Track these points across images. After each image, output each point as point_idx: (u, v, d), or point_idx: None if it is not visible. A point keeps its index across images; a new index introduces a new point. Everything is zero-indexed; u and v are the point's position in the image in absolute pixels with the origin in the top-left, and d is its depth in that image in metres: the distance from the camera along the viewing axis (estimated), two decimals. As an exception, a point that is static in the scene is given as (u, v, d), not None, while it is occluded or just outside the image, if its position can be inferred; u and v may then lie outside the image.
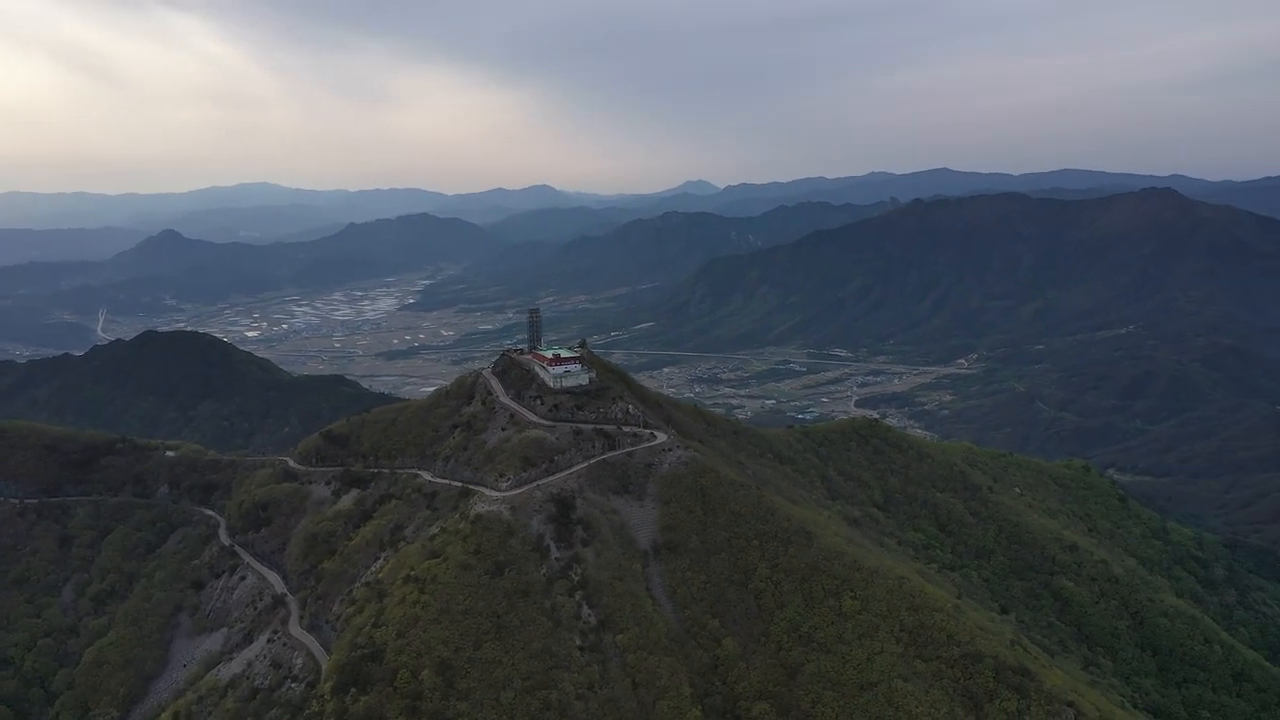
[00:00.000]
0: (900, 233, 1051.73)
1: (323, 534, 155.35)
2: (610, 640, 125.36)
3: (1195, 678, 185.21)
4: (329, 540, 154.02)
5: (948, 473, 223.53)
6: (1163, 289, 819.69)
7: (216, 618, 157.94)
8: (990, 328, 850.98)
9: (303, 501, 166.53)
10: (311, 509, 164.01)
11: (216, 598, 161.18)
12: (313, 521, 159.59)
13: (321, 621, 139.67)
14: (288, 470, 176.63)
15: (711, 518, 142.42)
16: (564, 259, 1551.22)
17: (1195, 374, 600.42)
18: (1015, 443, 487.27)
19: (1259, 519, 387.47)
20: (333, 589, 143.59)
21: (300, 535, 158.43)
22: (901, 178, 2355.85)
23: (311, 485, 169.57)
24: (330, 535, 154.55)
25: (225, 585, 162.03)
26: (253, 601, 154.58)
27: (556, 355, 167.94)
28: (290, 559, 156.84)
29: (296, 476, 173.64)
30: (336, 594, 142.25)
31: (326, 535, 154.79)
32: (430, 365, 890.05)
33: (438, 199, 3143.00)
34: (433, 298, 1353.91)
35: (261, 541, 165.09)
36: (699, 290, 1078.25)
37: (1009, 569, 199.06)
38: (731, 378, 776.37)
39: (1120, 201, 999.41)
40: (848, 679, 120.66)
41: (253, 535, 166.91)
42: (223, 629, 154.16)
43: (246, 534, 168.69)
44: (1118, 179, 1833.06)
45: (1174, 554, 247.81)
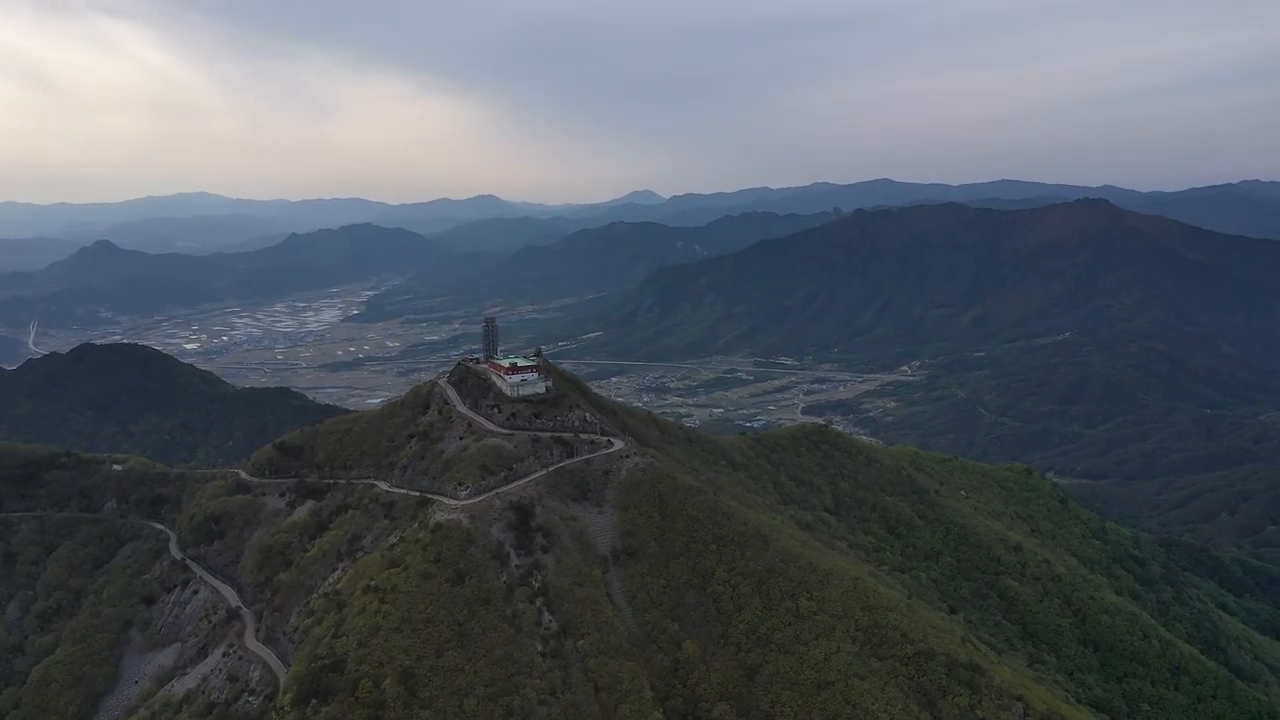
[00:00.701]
0: (844, 242, 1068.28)
1: (278, 546, 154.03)
2: (572, 646, 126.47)
3: (1135, 672, 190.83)
4: (285, 552, 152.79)
5: (896, 477, 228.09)
6: (1096, 296, 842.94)
7: (169, 633, 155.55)
8: (932, 335, 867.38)
9: (257, 513, 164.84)
10: (266, 521, 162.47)
11: (168, 612, 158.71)
12: (267, 533, 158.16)
13: (279, 634, 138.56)
14: (240, 482, 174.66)
15: (669, 523, 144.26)
16: (510, 269, 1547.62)
17: (1128, 379, 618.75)
18: (958, 448, 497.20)
19: (1191, 519, 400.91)
20: (290, 601, 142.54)
21: (255, 547, 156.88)
22: (844, 188, 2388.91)
23: (265, 497, 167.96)
24: (286, 547, 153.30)
25: (177, 600, 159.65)
26: (206, 615, 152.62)
27: (513, 364, 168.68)
28: (245, 571, 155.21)
29: (249, 488, 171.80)
30: (293, 606, 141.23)
31: (282, 547, 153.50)
32: (376, 377, 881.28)
33: (381, 209, 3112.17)
34: (377, 309, 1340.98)
35: (214, 555, 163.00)
36: (646, 300, 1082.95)
37: (956, 570, 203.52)
38: (679, 387, 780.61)
39: (1055, 212, 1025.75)
40: (806, 678, 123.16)
41: (205, 548, 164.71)
42: (175, 644, 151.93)
43: (199, 547, 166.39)
44: (1052, 190, 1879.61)
45: (1113, 553, 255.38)
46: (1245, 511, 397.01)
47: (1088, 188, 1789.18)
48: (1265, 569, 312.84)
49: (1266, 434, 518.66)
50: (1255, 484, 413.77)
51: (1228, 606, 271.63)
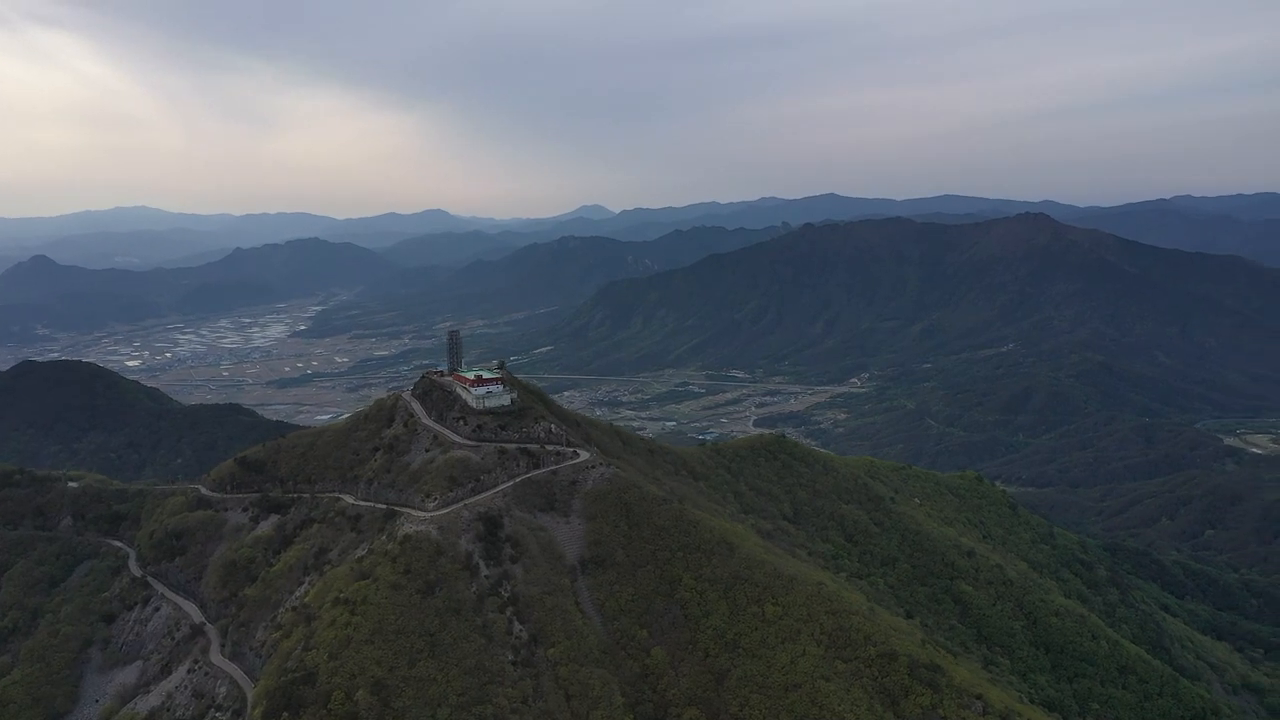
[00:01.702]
0: (793, 256, 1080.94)
1: (242, 561, 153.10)
2: (542, 654, 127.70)
3: (1085, 672, 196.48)
4: (249, 567, 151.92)
5: (852, 485, 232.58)
6: (1038, 308, 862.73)
7: (130, 651, 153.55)
8: (880, 347, 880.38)
9: (219, 529, 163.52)
10: (229, 536, 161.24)
11: (129, 630, 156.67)
12: (231, 549, 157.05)
13: (245, 649, 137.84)
14: (201, 498, 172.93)
15: (636, 532, 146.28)
16: (460, 283, 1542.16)
17: (1070, 389, 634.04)
18: (907, 458, 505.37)
19: (1133, 524, 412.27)
20: (256, 615, 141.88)
21: (218, 563, 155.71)
22: (791, 203, 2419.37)
23: (227, 512, 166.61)
24: (250, 562, 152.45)
25: (138, 617, 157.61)
26: (169, 632, 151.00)
27: (479, 376, 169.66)
28: (208, 587, 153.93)
29: (211, 504, 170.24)
30: (260, 620, 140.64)
31: (246, 562, 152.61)
32: (325, 393, 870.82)
33: (328, 223, 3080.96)
34: (325, 324, 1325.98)
35: (176, 571, 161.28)
36: (598, 314, 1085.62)
37: (912, 575, 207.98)
38: (632, 400, 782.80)
39: (998, 226, 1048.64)
40: (773, 681, 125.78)
41: (166, 565, 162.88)
42: (137, 662, 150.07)
43: (159, 564, 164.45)
44: (994, 204, 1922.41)
45: (1061, 557, 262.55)
46: (1184, 516, 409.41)
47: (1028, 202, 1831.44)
48: (1204, 572, 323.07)
49: (1202, 441, 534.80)
50: (1193, 489, 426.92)
51: (1170, 608, 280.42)
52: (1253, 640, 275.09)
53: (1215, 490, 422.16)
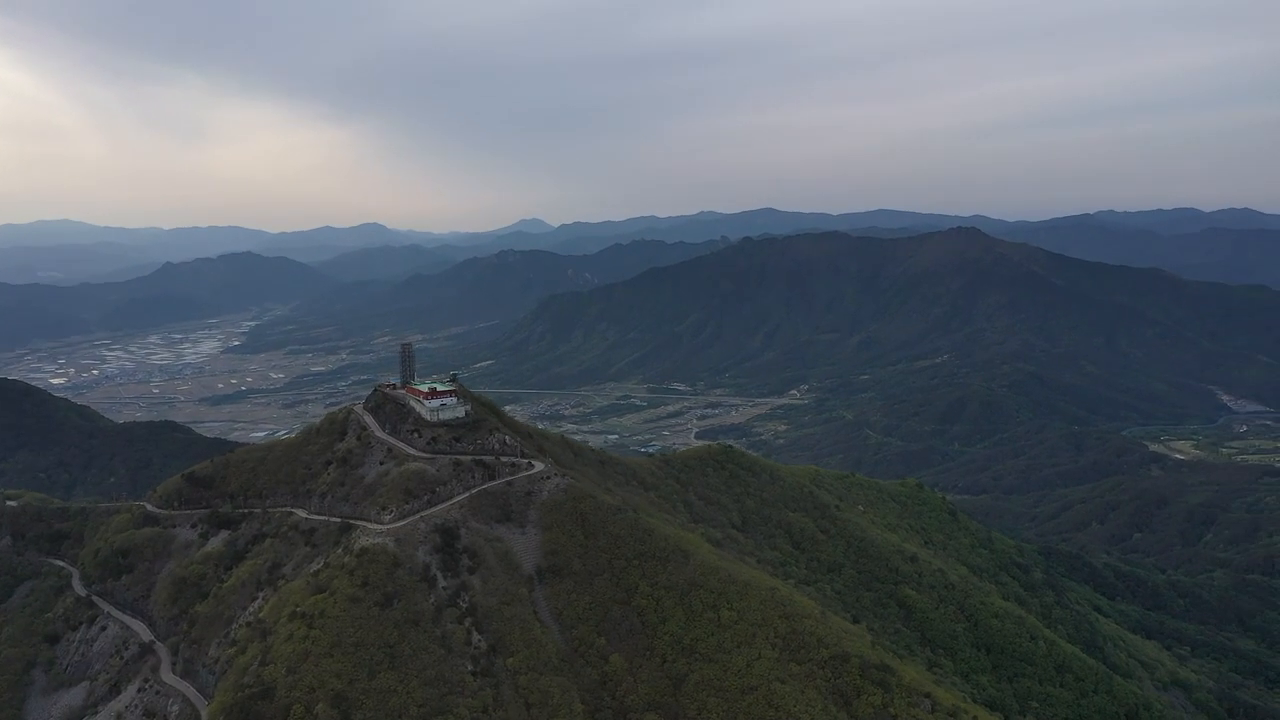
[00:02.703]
0: (732, 270, 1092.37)
1: (192, 577, 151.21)
2: (501, 664, 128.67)
3: (1024, 672, 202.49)
4: (200, 583, 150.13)
5: (798, 494, 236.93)
6: (971, 320, 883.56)
7: (76, 672, 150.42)
8: (819, 359, 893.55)
9: (167, 545, 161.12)
10: (177, 553, 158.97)
11: (74, 651, 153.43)
12: (180, 565, 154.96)
13: (198, 666, 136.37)
14: (148, 515, 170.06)
15: (592, 541, 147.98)
16: (398, 298, 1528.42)
17: (1003, 399, 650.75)
18: (847, 467, 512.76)
19: (1065, 528, 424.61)
20: (208, 632, 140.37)
21: (167, 580, 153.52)
22: (730, 217, 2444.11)
23: (176, 529, 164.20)
24: (201, 578, 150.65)
25: (84, 637, 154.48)
26: (117, 652, 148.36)
27: (432, 389, 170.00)
28: (157, 605, 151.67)
29: (158, 520, 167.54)
30: (212, 637, 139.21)
31: (197, 578, 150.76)
32: (260, 410, 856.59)
33: (261, 237, 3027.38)
34: (260, 339, 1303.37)
35: (123, 589, 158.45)
36: (538, 328, 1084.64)
37: (858, 581, 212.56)
38: (574, 414, 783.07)
39: (931, 240, 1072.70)
40: (730, 685, 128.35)
41: (112, 583, 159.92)
42: (84, 682, 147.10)
43: (105, 582, 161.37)
44: (927, 219, 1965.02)
45: (999, 561, 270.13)
46: (1113, 520, 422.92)
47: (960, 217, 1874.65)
48: (1134, 573, 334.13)
49: (1129, 448, 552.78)
50: (1121, 495, 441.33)
51: (1102, 609, 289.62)
52: (1180, 638, 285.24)
53: (1142, 495, 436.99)
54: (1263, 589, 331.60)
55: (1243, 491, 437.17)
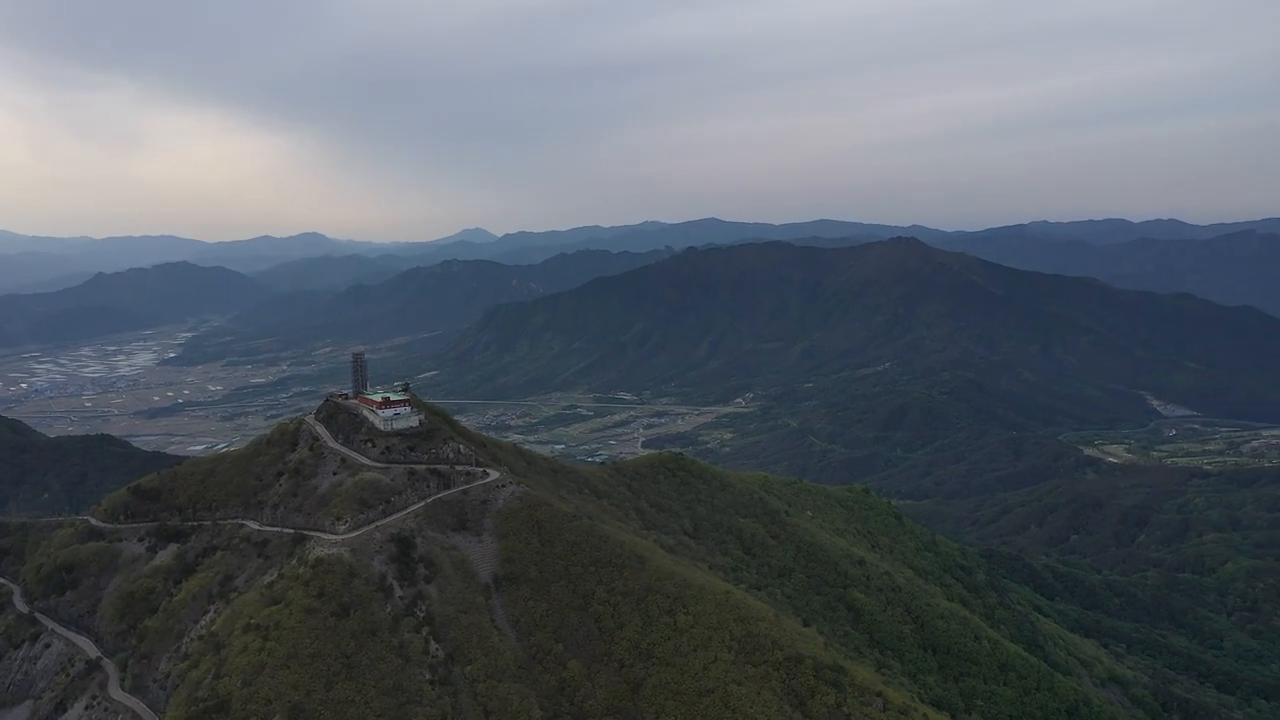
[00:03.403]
0: (677, 279, 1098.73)
1: (140, 591, 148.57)
2: (460, 672, 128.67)
3: (969, 671, 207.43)
4: (148, 597, 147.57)
5: (748, 500, 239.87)
6: (912, 328, 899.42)
7: (19, 690, 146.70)
8: (763, 368, 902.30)
9: (113, 560, 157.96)
10: (125, 567, 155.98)
11: (17, 669, 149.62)
12: (127, 580, 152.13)
13: (148, 681, 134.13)
14: (92, 529, 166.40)
15: (548, 548, 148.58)
16: (340, 308, 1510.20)
17: (943, 405, 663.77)
18: (793, 475, 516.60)
19: (1005, 531, 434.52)
20: (158, 647, 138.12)
21: (114, 595, 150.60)
22: (674, 227, 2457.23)
23: (122, 543, 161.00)
24: (150, 592, 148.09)
25: (27, 655, 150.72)
26: (63, 669, 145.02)
27: (386, 398, 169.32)
28: (104, 620, 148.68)
29: (104, 534, 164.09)
30: (163, 651, 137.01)
31: (145, 592, 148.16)
32: (199, 423, 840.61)
33: (197, 247, 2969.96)
34: (197, 351, 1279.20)
35: (67, 605, 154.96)
36: (483, 338, 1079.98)
37: (808, 585, 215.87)
38: (520, 424, 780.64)
39: (872, 250, 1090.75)
40: (687, 688, 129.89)
41: (56, 600, 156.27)
42: (27, 701, 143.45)
43: (48, 599, 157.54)
44: (868, 229, 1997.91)
45: (943, 563, 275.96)
46: (1051, 523, 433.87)
47: (899, 227, 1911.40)
48: (1071, 574, 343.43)
49: (1064, 453, 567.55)
50: (1058, 498, 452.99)
51: (1042, 608, 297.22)
52: (1116, 636, 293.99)
53: (1078, 498, 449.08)
54: (1193, 587, 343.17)
55: (1173, 493, 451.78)
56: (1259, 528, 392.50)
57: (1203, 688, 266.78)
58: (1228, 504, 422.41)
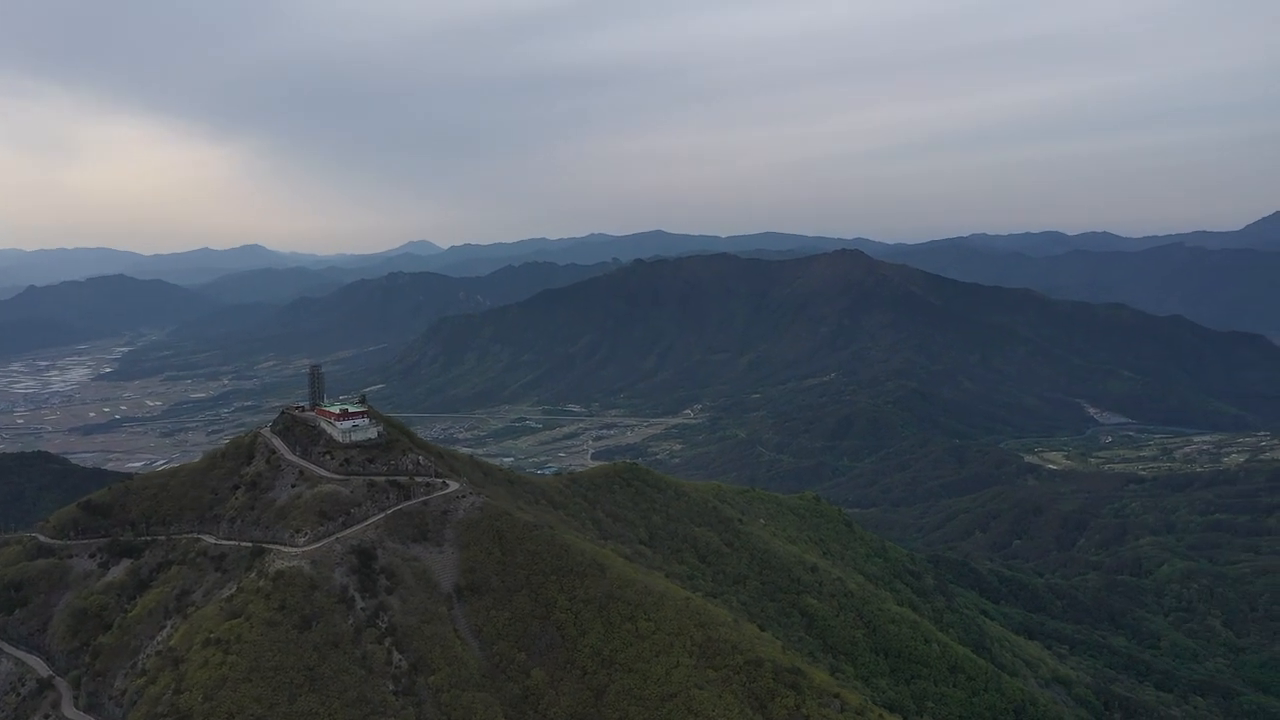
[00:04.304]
0: (624, 291, 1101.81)
1: (93, 608, 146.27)
2: (423, 682, 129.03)
3: (920, 674, 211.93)
4: (102, 614, 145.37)
5: (703, 509, 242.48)
6: (856, 339, 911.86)
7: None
8: (711, 379, 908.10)
9: (64, 577, 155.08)
10: (76, 584, 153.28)
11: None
12: (79, 596, 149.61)
13: (103, 699, 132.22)
14: (41, 545, 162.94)
15: (509, 558, 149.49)
16: (283, 321, 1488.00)
17: (888, 415, 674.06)
18: (742, 485, 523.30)
19: (950, 537, 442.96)
20: (113, 664, 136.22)
21: (66, 612, 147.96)
22: (620, 239, 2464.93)
23: (73, 559, 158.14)
24: (103, 609, 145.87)
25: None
26: (13, 689, 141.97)
27: (344, 410, 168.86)
28: (55, 639, 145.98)
29: (53, 551, 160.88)
30: (118, 668, 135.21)
31: (98, 609, 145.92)
32: (136, 439, 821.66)
33: (134, 259, 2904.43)
34: (134, 366, 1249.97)
35: (16, 624, 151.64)
36: (430, 350, 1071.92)
37: (762, 592, 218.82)
38: (468, 437, 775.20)
39: (816, 262, 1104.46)
40: (650, 693, 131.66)
41: (4, 618, 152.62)
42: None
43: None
44: (812, 241, 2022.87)
45: (893, 569, 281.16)
46: (994, 529, 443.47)
47: (843, 239, 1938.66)
48: (1015, 578, 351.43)
49: (1006, 460, 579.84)
50: (1001, 504, 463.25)
51: (988, 612, 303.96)
52: (1059, 638, 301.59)
53: (1020, 504, 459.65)
54: (1131, 589, 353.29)
55: (1110, 498, 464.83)
56: (1192, 531, 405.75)
57: (1142, 686, 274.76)
58: (1162, 508, 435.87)
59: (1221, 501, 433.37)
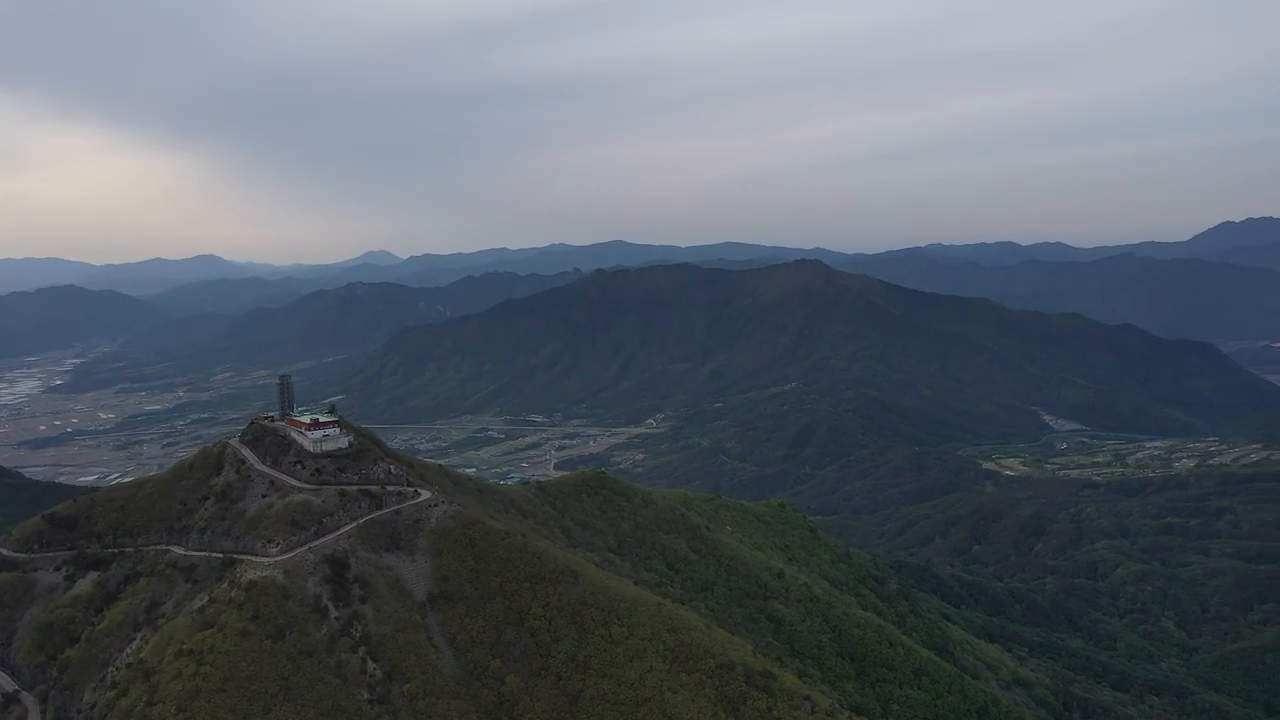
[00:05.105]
0: (586, 301, 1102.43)
1: (60, 621, 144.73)
2: (398, 690, 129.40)
3: (885, 677, 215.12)
4: (69, 627, 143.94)
5: (670, 516, 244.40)
6: (817, 348, 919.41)
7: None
8: (673, 389, 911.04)
9: (29, 590, 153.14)
10: (41, 597, 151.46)
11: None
12: (45, 610, 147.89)
13: (72, 713, 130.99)
14: (4, 559, 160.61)
15: (482, 565, 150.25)
16: (240, 332, 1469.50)
17: (849, 423, 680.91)
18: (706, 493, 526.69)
19: (911, 543, 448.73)
20: (82, 677, 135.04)
21: (31, 626, 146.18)
22: (581, 249, 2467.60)
23: (38, 572, 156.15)
24: (70, 622, 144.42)
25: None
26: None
27: (315, 420, 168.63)
28: (20, 653, 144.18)
29: (17, 564, 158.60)
30: (87, 682, 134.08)
31: (65, 622, 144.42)
32: (89, 452, 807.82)
33: (85, 270, 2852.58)
34: (86, 378, 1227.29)
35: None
36: (390, 361, 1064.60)
37: (730, 598, 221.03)
38: (429, 448, 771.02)
39: (777, 272, 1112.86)
40: (624, 697, 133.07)
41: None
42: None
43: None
44: (772, 251, 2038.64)
45: (857, 574, 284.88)
46: (954, 534, 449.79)
47: (802, 249, 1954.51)
48: (976, 582, 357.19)
49: (964, 466, 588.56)
50: (960, 510, 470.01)
51: (950, 616, 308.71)
52: (1018, 640, 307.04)
53: (979, 510, 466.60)
54: (1088, 592, 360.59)
55: (1066, 503, 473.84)
56: (1145, 534, 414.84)
57: (1099, 687, 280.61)
58: (1116, 513, 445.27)
59: (1173, 505, 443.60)
